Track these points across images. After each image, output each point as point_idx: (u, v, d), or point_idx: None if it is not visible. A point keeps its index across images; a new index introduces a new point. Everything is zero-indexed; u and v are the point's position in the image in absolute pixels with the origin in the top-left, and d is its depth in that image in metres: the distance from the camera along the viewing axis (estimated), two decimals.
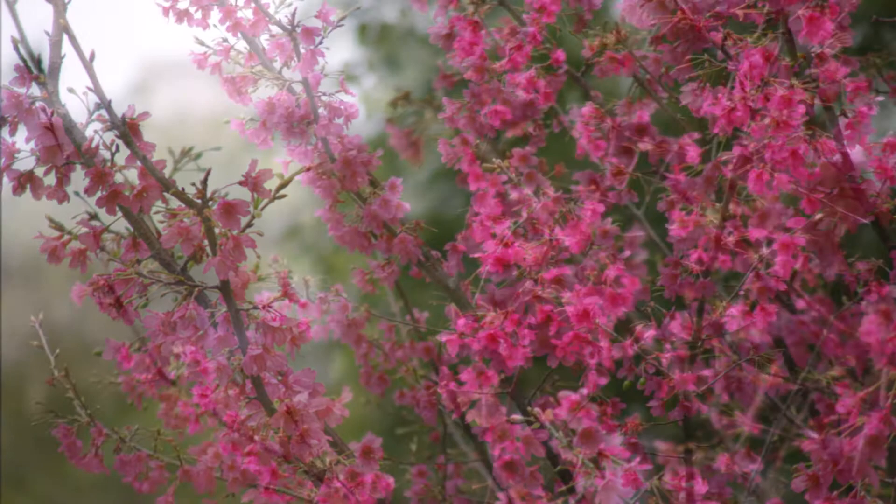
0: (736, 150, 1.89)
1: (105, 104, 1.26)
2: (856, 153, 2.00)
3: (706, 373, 2.13)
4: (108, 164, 1.34)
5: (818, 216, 2.02)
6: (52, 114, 1.28)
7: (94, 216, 1.38)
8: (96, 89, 1.28)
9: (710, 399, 2.18)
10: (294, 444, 1.45)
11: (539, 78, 2.12)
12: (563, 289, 2.02)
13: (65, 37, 1.38)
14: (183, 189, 1.33)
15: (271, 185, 1.32)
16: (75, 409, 2.15)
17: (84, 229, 1.38)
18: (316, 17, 1.97)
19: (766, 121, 1.87)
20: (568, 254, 2.02)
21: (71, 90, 1.31)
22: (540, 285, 2.06)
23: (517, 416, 2.26)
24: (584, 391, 2.12)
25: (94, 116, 1.25)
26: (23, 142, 1.30)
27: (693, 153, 2.02)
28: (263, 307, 1.40)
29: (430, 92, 2.46)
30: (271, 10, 1.98)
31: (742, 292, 2.03)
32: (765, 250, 2.05)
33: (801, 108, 1.90)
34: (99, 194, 1.34)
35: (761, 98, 1.86)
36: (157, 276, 1.39)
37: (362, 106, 4.95)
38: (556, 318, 2.07)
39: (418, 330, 2.32)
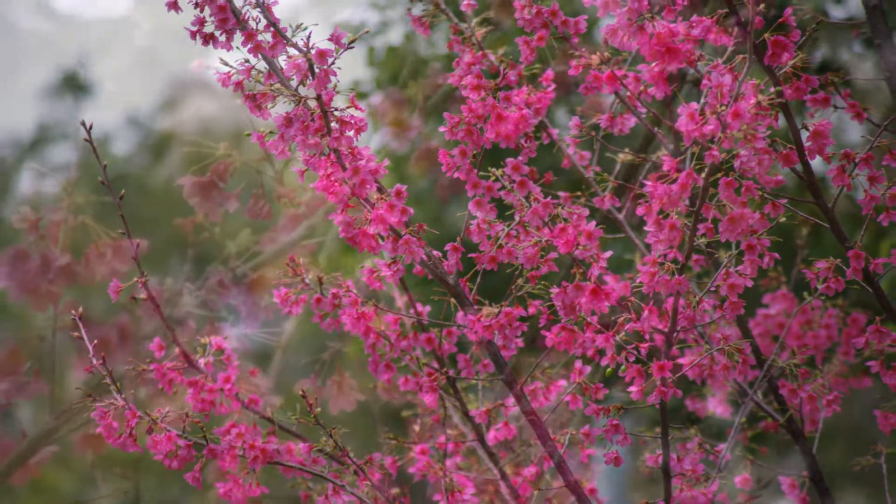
0: (707, 160, 1.88)
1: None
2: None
3: (682, 361, 2.13)
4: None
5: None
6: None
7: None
8: None
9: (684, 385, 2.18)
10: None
11: (531, 95, 2.13)
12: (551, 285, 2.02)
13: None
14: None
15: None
16: (112, 394, 2.16)
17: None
18: (329, 39, 1.97)
19: (736, 133, 1.87)
20: (556, 254, 2.02)
21: None
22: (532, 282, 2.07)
23: (510, 401, 2.26)
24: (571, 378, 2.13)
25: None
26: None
27: (669, 163, 2.01)
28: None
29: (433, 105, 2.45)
30: (289, 34, 1.98)
31: (713, 289, 2.02)
32: (734, 250, 2.05)
33: (767, 122, 1.90)
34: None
35: (731, 113, 1.86)
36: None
37: (370, 120, 4.95)
38: (546, 312, 2.07)
39: (421, 322, 2.32)
